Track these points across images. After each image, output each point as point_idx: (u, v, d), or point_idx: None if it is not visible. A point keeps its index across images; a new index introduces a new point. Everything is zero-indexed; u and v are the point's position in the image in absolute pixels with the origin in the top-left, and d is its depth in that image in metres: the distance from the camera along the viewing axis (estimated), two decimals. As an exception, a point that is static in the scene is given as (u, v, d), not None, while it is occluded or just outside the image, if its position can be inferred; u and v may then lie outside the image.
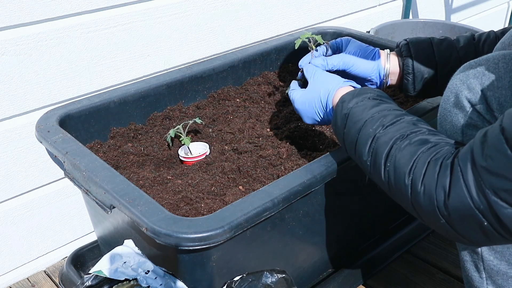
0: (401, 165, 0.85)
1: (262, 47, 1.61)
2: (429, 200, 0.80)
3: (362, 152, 0.94)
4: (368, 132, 0.93)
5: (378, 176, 0.90)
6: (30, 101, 1.33)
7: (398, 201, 0.89)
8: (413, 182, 0.82)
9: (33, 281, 1.48)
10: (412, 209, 0.85)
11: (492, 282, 0.93)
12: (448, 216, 0.78)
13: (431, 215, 0.80)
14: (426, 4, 2.45)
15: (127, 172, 1.20)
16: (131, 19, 1.44)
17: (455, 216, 0.77)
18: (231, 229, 0.90)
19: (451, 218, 0.77)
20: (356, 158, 0.98)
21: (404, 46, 1.23)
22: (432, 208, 0.79)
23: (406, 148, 0.86)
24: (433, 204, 0.79)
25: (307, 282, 1.28)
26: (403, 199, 0.85)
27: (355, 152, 0.96)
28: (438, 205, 0.78)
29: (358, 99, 0.99)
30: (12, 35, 1.25)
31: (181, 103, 1.44)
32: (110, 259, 1.04)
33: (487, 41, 1.19)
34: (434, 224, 0.82)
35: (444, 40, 1.23)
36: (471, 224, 0.76)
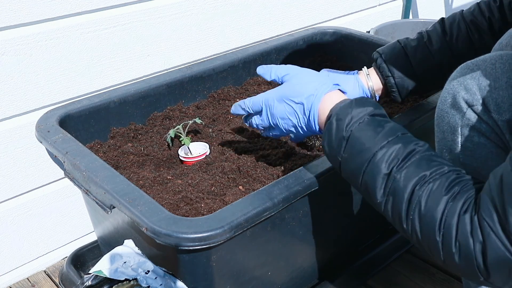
0: (428, 218, 0.77)
1: (262, 47, 1.61)
2: (465, 260, 0.75)
3: (374, 191, 0.84)
4: (381, 168, 0.83)
5: (398, 223, 0.82)
6: (30, 101, 1.33)
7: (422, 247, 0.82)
8: (445, 238, 0.76)
9: (33, 281, 1.48)
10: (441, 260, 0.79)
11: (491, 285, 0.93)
12: (486, 273, 0.74)
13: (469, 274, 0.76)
14: (426, 4, 2.45)
15: (127, 172, 1.20)
16: (131, 19, 1.44)
17: (495, 272, 0.73)
18: (231, 229, 0.90)
19: (490, 275, 0.74)
20: (360, 189, 0.89)
21: (381, 66, 1.20)
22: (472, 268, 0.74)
23: (431, 196, 0.78)
24: (472, 265, 0.74)
25: (307, 282, 1.28)
26: (433, 250, 0.79)
27: (361, 185, 0.87)
28: (478, 265, 0.74)
29: (357, 118, 0.89)
30: (12, 35, 1.25)
31: (181, 103, 1.44)
32: (110, 259, 1.04)
33: (460, 36, 1.16)
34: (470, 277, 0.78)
35: (418, 47, 1.19)
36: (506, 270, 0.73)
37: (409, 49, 1.20)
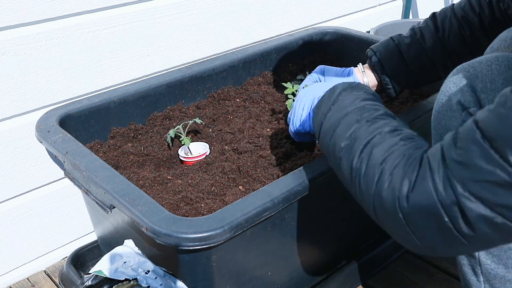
0: (377, 154, 0.80)
1: (262, 47, 1.61)
2: (391, 191, 0.75)
3: (342, 136, 0.87)
4: (356, 118, 0.87)
5: (349, 161, 0.84)
6: (30, 101, 1.33)
7: (358, 193, 0.83)
8: (383, 171, 0.77)
9: (33, 281, 1.48)
10: (371, 202, 0.80)
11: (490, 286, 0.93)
12: (406, 209, 0.73)
13: (390, 207, 0.76)
14: (426, 4, 2.45)
15: (127, 172, 1.20)
16: (131, 19, 1.44)
17: (414, 211, 0.72)
18: (231, 229, 0.90)
19: (409, 213, 0.73)
20: (329, 142, 0.90)
21: (376, 64, 1.22)
22: (393, 199, 0.75)
23: (389, 139, 0.81)
24: (395, 195, 0.74)
25: (307, 282, 1.28)
26: (367, 189, 0.80)
27: (332, 136, 0.90)
28: (399, 196, 0.74)
29: (353, 90, 0.94)
30: (12, 35, 1.25)
31: (181, 103, 1.44)
32: (110, 259, 1.04)
33: (452, 32, 1.18)
34: (390, 219, 0.77)
35: (411, 44, 1.21)
36: (430, 221, 0.72)
37: (402, 46, 1.21)
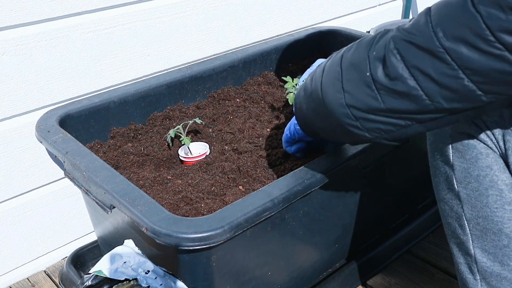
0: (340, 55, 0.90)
1: (262, 47, 1.61)
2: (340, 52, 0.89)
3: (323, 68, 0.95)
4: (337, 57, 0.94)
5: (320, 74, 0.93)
6: (30, 101, 1.33)
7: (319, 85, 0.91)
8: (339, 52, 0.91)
9: (33, 281, 1.48)
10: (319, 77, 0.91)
11: (486, 284, 0.93)
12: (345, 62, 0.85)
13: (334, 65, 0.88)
14: (426, 4, 2.44)
15: (127, 172, 1.20)
16: (131, 19, 1.44)
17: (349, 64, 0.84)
18: (231, 229, 0.90)
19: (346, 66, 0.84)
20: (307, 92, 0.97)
21: None
22: (339, 56, 0.88)
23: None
24: (341, 53, 0.88)
25: (307, 282, 1.28)
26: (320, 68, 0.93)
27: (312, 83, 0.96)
28: (344, 52, 0.87)
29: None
30: (12, 35, 1.25)
31: (181, 103, 1.44)
32: (110, 259, 1.04)
33: None
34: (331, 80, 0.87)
35: None
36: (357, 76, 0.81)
37: None
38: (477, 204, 0.89)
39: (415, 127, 0.80)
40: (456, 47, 0.70)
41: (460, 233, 0.93)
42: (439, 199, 0.96)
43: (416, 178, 1.42)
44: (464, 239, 0.93)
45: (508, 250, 0.89)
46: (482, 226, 0.89)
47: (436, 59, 0.72)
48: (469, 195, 0.89)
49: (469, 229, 0.91)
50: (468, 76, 0.70)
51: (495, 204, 0.87)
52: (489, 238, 0.89)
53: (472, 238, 0.91)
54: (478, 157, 0.88)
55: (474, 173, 0.88)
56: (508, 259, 0.90)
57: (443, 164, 0.91)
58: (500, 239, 0.88)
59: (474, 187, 0.88)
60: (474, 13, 0.67)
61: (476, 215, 0.89)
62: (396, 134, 0.83)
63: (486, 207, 0.87)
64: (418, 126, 0.80)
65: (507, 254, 0.89)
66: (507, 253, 0.89)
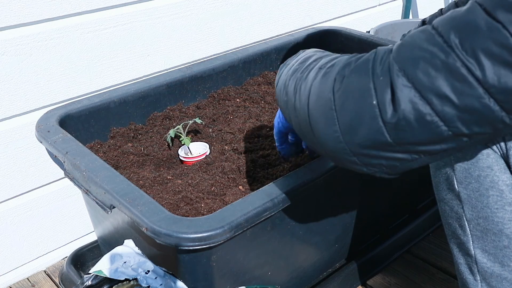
0: (322, 60, 0.80)
1: (262, 47, 1.61)
2: (330, 75, 0.74)
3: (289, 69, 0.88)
4: (312, 53, 0.88)
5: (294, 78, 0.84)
6: (30, 101, 1.33)
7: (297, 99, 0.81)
8: (328, 65, 0.77)
9: (33, 281, 1.48)
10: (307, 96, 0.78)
11: (487, 285, 0.93)
12: (339, 88, 0.72)
13: (323, 92, 0.74)
14: (426, 4, 2.44)
15: (127, 172, 1.20)
16: (131, 19, 1.44)
17: (347, 91, 0.71)
18: (231, 229, 0.90)
19: (341, 94, 0.71)
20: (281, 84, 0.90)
21: None
22: (329, 81, 0.74)
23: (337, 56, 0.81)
24: (332, 77, 0.74)
25: (307, 282, 1.28)
26: (305, 87, 0.79)
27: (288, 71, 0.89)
28: (336, 77, 0.73)
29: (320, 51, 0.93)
30: (12, 35, 1.25)
31: (181, 103, 1.44)
32: (110, 259, 1.04)
33: None
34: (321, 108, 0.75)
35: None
36: (358, 103, 0.70)
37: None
38: (478, 205, 0.89)
39: (423, 160, 0.72)
40: (477, 62, 0.62)
41: (461, 233, 0.93)
42: (439, 199, 0.96)
43: (416, 178, 1.42)
44: (464, 239, 0.93)
45: (508, 251, 0.89)
46: (482, 226, 0.89)
47: (454, 77, 0.63)
48: (469, 196, 0.89)
49: (470, 230, 0.91)
50: (491, 95, 0.62)
51: (496, 204, 0.87)
52: (490, 239, 0.89)
53: (472, 238, 0.91)
54: (478, 157, 0.88)
55: (474, 173, 0.88)
56: (508, 260, 0.90)
57: (443, 164, 0.91)
58: (500, 239, 0.88)
59: (475, 187, 0.88)
60: (494, 24, 0.61)
61: (476, 215, 0.89)
62: (399, 169, 0.74)
63: (487, 208, 0.87)
64: (427, 159, 0.71)
65: (507, 255, 0.89)
66: (508, 254, 0.89)
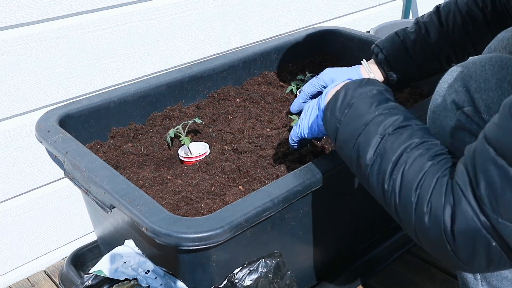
0: (409, 178, 0.77)
1: (262, 47, 1.61)
2: (435, 223, 0.74)
3: (365, 151, 0.84)
4: (377, 130, 0.84)
5: (379, 182, 0.82)
6: (30, 101, 1.33)
7: (395, 215, 0.82)
8: (420, 198, 0.75)
9: (33, 281, 1.48)
10: (412, 228, 0.78)
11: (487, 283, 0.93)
12: (453, 241, 0.72)
13: (434, 237, 0.75)
14: (426, 4, 2.44)
15: (127, 172, 1.20)
16: (131, 19, 1.44)
17: (461, 240, 0.72)
18: (231, 229, 0.90)
19: (457, 243, 0.72)
20: (351, 154, 0.88)
21: (383, 61, 1.24)
22: (438, 231, 0.73)
23: (417, 159, 0.79)
24: (439, 227, 0.73)
25: (307, 282, 1.28)
26: (406, 215, 0.79)
27: (354, 146, 0.87)
28: (445, 229, 0.73)
29: (365, 90, 0.90)
30: (12, 35, 1.25)
31: (181, 103, 1.44)
32: (110, 259, 1.04)
33: (456, 28, 1.18)
34: (434, 245, 0.76)
35: (416, 40, 1.22)
36: (478, 247, 0.71)
37: (408, 43, 1.22)
38: None
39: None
40: None
41: None
42: None
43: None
44: None
45: None
46: None
47: None
48: None
49: None
50: None
51: None
52: None
53: None
54: None
55: None
56: None
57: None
58: None
59: None
60: None
61: None
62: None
63: None
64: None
65: None
66: None
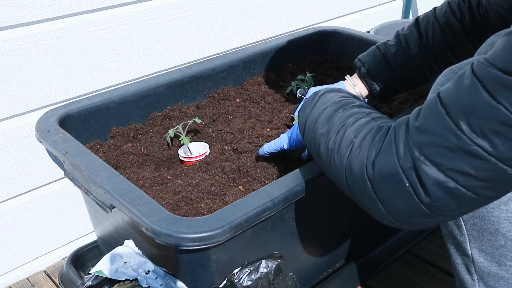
0: (350, 130, 0.85)
1: (262, 47, 1.61)
2: (360, 159, 0.79)
3: (321, 125, 0.92)
4: (334, 108, 0.93)
5: (326, 144, 0.89)
6: (30, 101, 1.33)
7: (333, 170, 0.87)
8: (354, 144, 0.82)
9: (33, 281, 1.48)
10: (343, 174, 0.83)
11: (484, 284, 0.94)
12: (373, 175, 0.77)
13: (358, 175, 0.79)
14: (426, 4, 2.44)
15: (127, 172, 1.20)
16: (131, 19, 1.44)
17: (379, 177, 0.76)
18: (231, 229, 0.90)
19: (375, 179, 0.76)
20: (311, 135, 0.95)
21: (366, 75, 1.26)
22: (361, 167, 0.78)
23: (361, 119, 0.86)
24: (363, 163, 0.78)
25: (307, 282, 1.28)
26: (340, 163, 0.84)
27: (314, 128, 0.94)
28: (367, 163, 0.78)
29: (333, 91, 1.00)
30: (12, 35, 1.25)
31: (181, 103, 1.44)
32: (110, 259, 1.04)
33: (435, 38, 1.20)
34: (359, 189, 0.80)
35: (397, 53, 1.23)
36: (393, 187, 0.74)
37: (389, 56, 1.24)
38: None
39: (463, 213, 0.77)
40: (488, 142, 0.65)
41: (457, 233, 0.93)
42: None
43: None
44: (461, 239, 0.93)
45: (505, 250, 0.89)
46: (479, 226, 0.89)
47: (471, 157, 0.67)
48: None
49: (466, 230, 0.91)
50: (510, 166, 0.66)
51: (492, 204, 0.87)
52: (486, 238, 0.89)
53: (469, 238, 0.92)
54: None
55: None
56: (505, 259, 0.90)
57: None
58: (497, 239, 0.88)
59: None
60: (495, 105, 0.64)
61: (472, 215, 0.89)
62: (444, 222, 0.81)
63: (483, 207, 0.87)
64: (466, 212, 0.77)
65: (504, 254, 0.89)
66: (504, 253, 0.89)
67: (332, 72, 1.66)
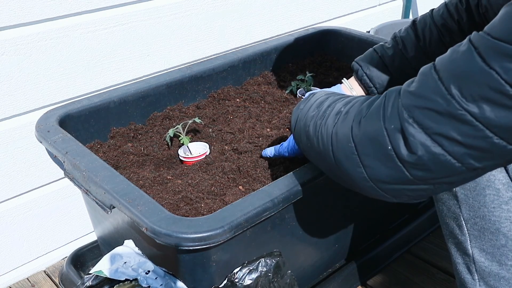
0: (340, 104, 0.87)
1: (262, 47, 1.61)
2: (347, 124, 0.80)
3: (313, 109, 0.94)
4: (324, 97, 0.95)
5: (315, 123, 0.90)
6: (29, 101, 1.33)
7: (320, 144, 0.87)
8: (342, 113, 0.84)
9: (33, 281, 1.49)
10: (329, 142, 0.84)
11: (485, 284, 0.94)
12: (357, 135, 0.78)
13: (344, 137, 0.80)
14: (426, 4, 2.44)
15: (127, 172, 1.20)
16: (131, 19, 1.44)
17: (364, 138, 0.77)
18: (231, 229, 0.90)
19: (359, 140, 0.78)
20: (302, 125, 0.97)
21: (363, 78, 1.25)
22: (347, 129, 0.80)
23: (353, 100, 0.87)
24: (349, 126, 0.80)
25: (307, 282, 1.28)
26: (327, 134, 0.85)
27: (305, 116, 0.96)
28: (353, 125, 0.79)
29: (330, 93, 1.01)
30: (12, 35, 1.25)
31: (181, 103, 1.44)
32: (110, 259, 1.04)
33: (432, 40, 1.19)
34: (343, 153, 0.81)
35: (394, 56, 1.23)
36: (376, 149, 0.75)
37: (386, 59, 1.24)
38: (475, 204, 0.89)
39: (445, 187, 0.77)
40: (478, 107, 0.66)
41: (458, 233, 0.93)
42: (436, 200, 0.96)
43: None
44: (462, 239, 0.93)
45: (506, 249, 0.89)
46: (479, 226, 0.89)
47: (459, 122, 0.68)
48: (466, 195, 0.89)
49: (467, 229, 0.91)
50: (496, 134, 0.66)
51: (493, 203, 0.87)
52: (487, 238, 0.89)
53: (470, 238, 0.92)
54: None
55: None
56: (506, 259, 0.90)
57: None
58: (497, 238, 0.88)
59: (472, 186, 0.88)
60: (488, 70, 0.64)
61: (473, 215, 0.89)
62: (425, 196, 0.80)
63: (484, 207, 0.88)
64: (448, 186, 0.77)
65: (505, 254, 0.89)
66: (505, 253, 0.89)
67: (332, 72, 1.66)
